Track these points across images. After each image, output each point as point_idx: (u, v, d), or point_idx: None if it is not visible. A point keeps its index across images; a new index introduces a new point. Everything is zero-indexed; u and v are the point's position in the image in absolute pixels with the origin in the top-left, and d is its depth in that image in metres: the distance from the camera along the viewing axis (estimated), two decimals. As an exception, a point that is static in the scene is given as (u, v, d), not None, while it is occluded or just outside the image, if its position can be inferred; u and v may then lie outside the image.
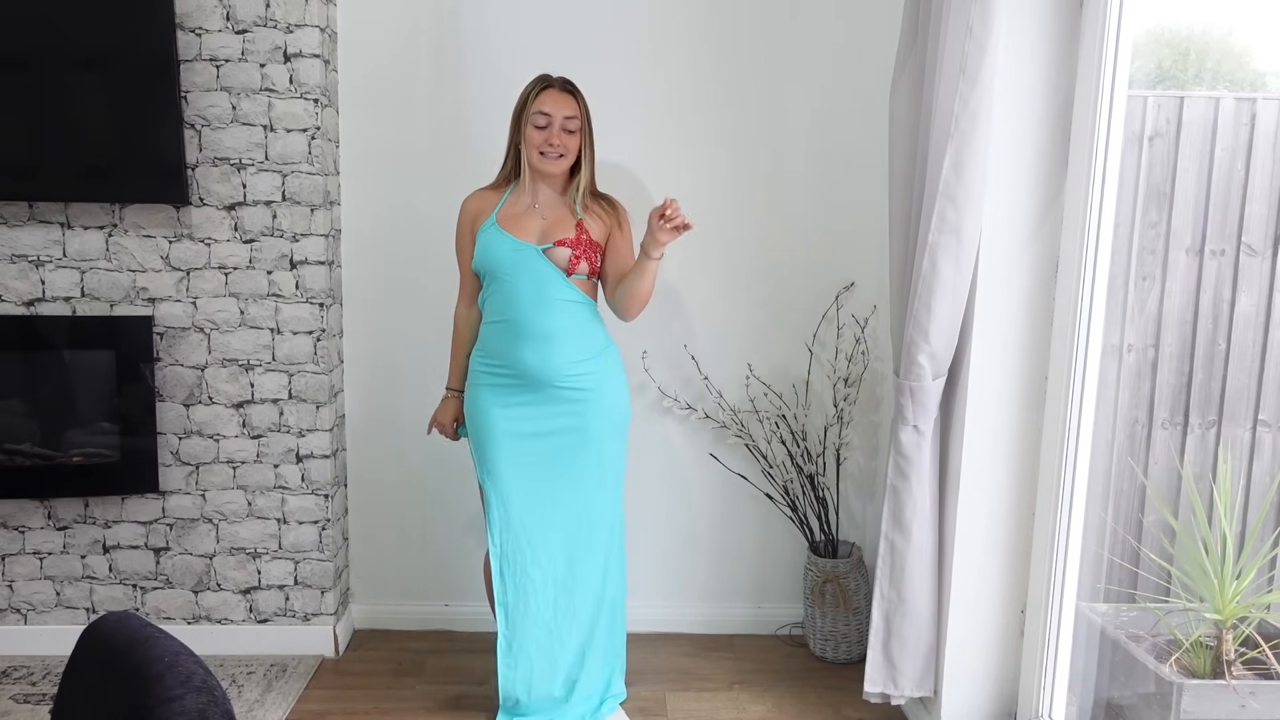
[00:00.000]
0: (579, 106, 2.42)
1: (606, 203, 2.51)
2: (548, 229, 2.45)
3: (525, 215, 2.46)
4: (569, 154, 2.42)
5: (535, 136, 2.40)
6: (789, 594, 3.21)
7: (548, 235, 2.44)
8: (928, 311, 2.29)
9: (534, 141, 2.41)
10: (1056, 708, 2.37)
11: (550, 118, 2.39)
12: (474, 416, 2.51)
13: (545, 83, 2.43)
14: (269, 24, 2.73)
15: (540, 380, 2.43)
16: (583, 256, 2.43)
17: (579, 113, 2.42)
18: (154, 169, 2.72)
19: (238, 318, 2.85)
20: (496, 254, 2.43)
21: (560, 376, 2.42)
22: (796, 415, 3.08)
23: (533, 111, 2.40)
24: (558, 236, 2.43)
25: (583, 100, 2.44)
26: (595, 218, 2.48)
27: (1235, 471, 2.31)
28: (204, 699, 1.02)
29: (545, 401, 2.44)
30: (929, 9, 2.30)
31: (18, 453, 2.84)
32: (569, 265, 2.42)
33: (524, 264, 2.42)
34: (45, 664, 2.88)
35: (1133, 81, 2.19)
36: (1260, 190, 2.29)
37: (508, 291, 2.43)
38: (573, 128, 2.41)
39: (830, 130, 2.99)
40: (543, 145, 2.40)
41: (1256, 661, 2.25)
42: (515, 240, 2.43)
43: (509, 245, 2.43)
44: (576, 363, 2.43)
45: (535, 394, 2.44)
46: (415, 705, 2.73)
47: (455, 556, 3.16)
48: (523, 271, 2.42)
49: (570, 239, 2.42)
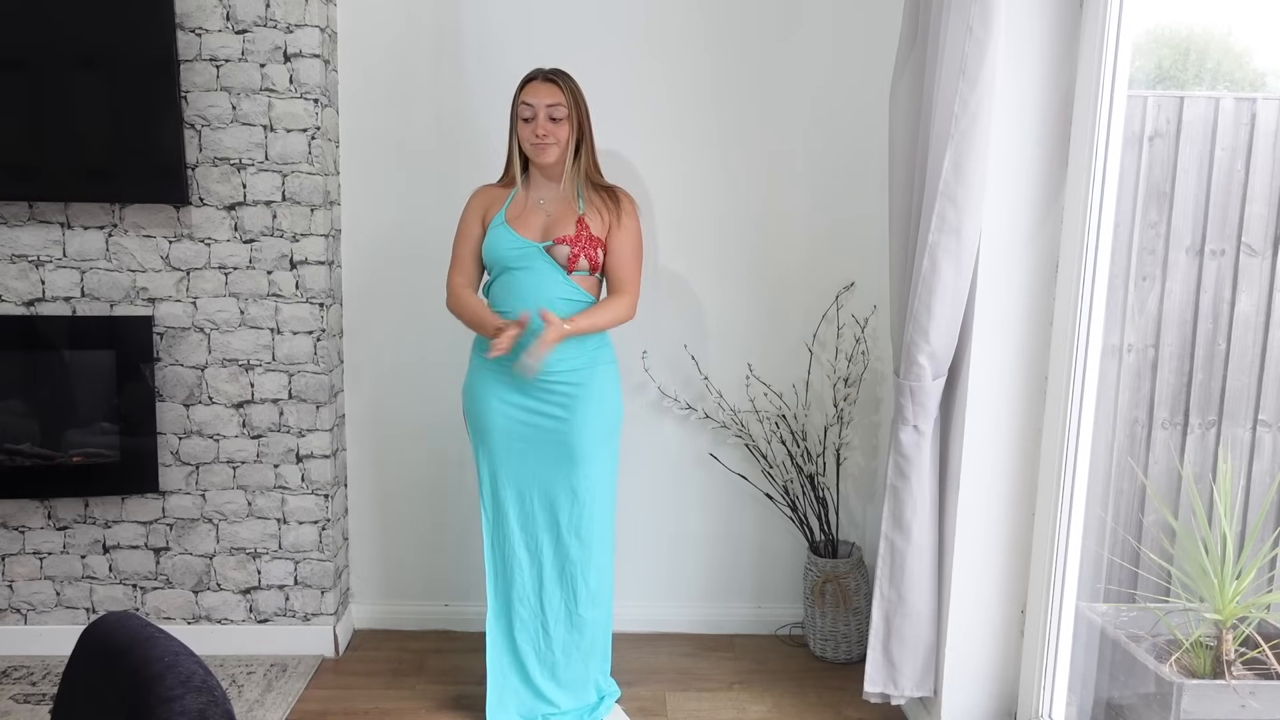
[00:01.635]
0: (562, 94, 2.42)
1: (610, 195, 2.51)
2: (550, 226, 2.46)
3: (530, 212, 2.49)
4: (559, 143, 2.43)
5: (524, 130, 2.44)
6: (789, 594, 3.21)
7: (550, 232, 2.45)
8: (928, 311, 2.29)
9: (524, 136, 2.44)
10: (1056, 708, 2.37)
11: (533, 108, 2.41)
12: (472, 404, 2.55)
13: (531, 76, 2.46)
14: (269, 24, 2.73)
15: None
16: (582, 253, 2.44)
17: (563, 100, 2.42)
18: (154, 169, 2.73)
19: (238, 318, 2.85)
20: (501, 250, 2.46)
21: (551, 373, 2.43)
22: (796, 415, 3.08)
23: (519, 104, 2.43)
24: (559, 234, 2.44)
25: (570, 88, 2.44)
26: (597, 212, 2.48)
27: (1235, 471, 2.31)
28: (204, 699, 1.02)
29: (536, 396, 2.47)
30: (929, 9, 2.30)
31: (18, 453, 2.84)
32: (568, 263, 2.43)
33: (525, 261, 2.44)
34: (45, 664, 2.88)
35: (1133, 81, 2.19)
36: (1260, 190, 2.29)
37: (509, 287, 2.46)
38: (558, 115, 2.41)
39: (830, 130, 2.99)
40: (530, 137, 2.42)
41: (1256, 661, 2.25)
42: (518, 238, 2.45)
43: (512, 243, 2.45)
44: (569, 358, 2.44)
45: (527, 387, 2.46)
46: (415, 705, 2.74)
47: (455, 556, 3.16)
48: (524, 269, 2.44)
49: (570, 236, 2.43)
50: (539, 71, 2.46)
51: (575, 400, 2.47)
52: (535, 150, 2.43)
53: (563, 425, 2.48)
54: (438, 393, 3.03)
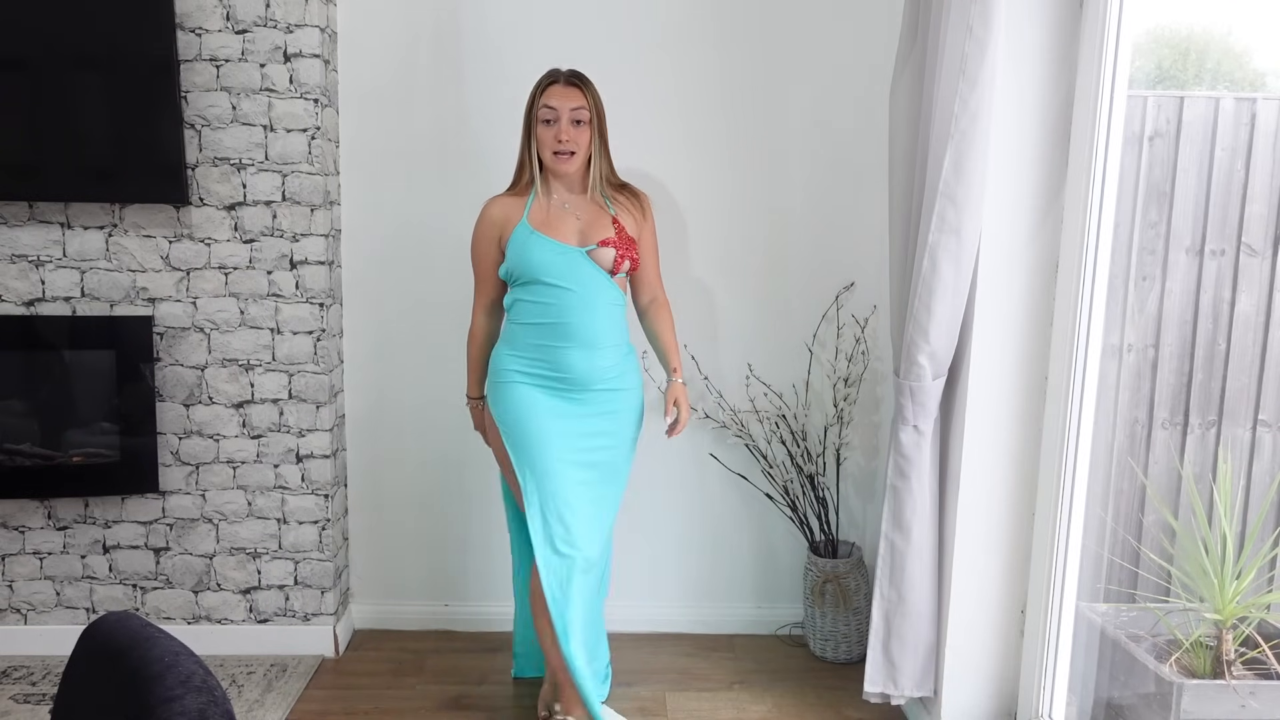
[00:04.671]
0: (586, 98, 2.36)
1: (631, 194, 2.50)
2: (585, 230, 2.40)
3: (559, 217, 2.40)
4: (580, 150, 2.37)
5: (544, 134, 2.36)
6: (789, 594, 3.21)
7: (588, 236, 2.39)
8: (928, 311, 2.29)
9: (544, 140, 2.36)
10: (1056, 708, 2.37)
11: (556, 111, 2.34)
12: (517, 412, 2.41)
13: (552, 78, 2.38)
14: (269, 24, 2.73)
15: (582, 382, 2.40)
16: (625, 255, 2.41)
17: (586, 104, 2.36)
18: (154, 169, 2.73)
19: (238, 318, 2.85)
20: (539, 258, 2.35)
21: (602, 378, 2.42)
22: (796, 415, 3.08)
23: (540, 106, 2.36)
24: (599, 237, 2.38)
25: (591, 91, 2.39)
26: (625, 211, 2.46)
27: (1235, 471, 2.31)
28: (204, 699, 1.02)
29: (584, 401, 2.42)
30: (929, 9, 2.30)
31: (18, 453, 2.84)
32: (614, 265, 2.40)
33: (570, 267, 2.36)
34: (45, 664, 2.88)
35: (1133, 81, 2.19)
36: (1260, 190, 2.29)
37: (552, 296, 2.36)
38: (581, 118, 2.35)
39: (830, 130, 2.99)
40: (552, 144, 2.34)
41: (1256, 661, 2.25)
42: (558, 243, 2.36)
43: (552, 249, 2.35)
44: (614, 363, 2.44)
45: (575, 394, 2.41)
46: (415, 705, 2.74)
47: (455, 556, 3.16)
48: (569, 275, 2.35)
49: (612, 238, 2.39)
50: (558, 73, 2.39)
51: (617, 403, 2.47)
52: (557, 159, 2.36)
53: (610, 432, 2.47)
54: (438, 392, 3.03)
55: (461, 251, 2.57)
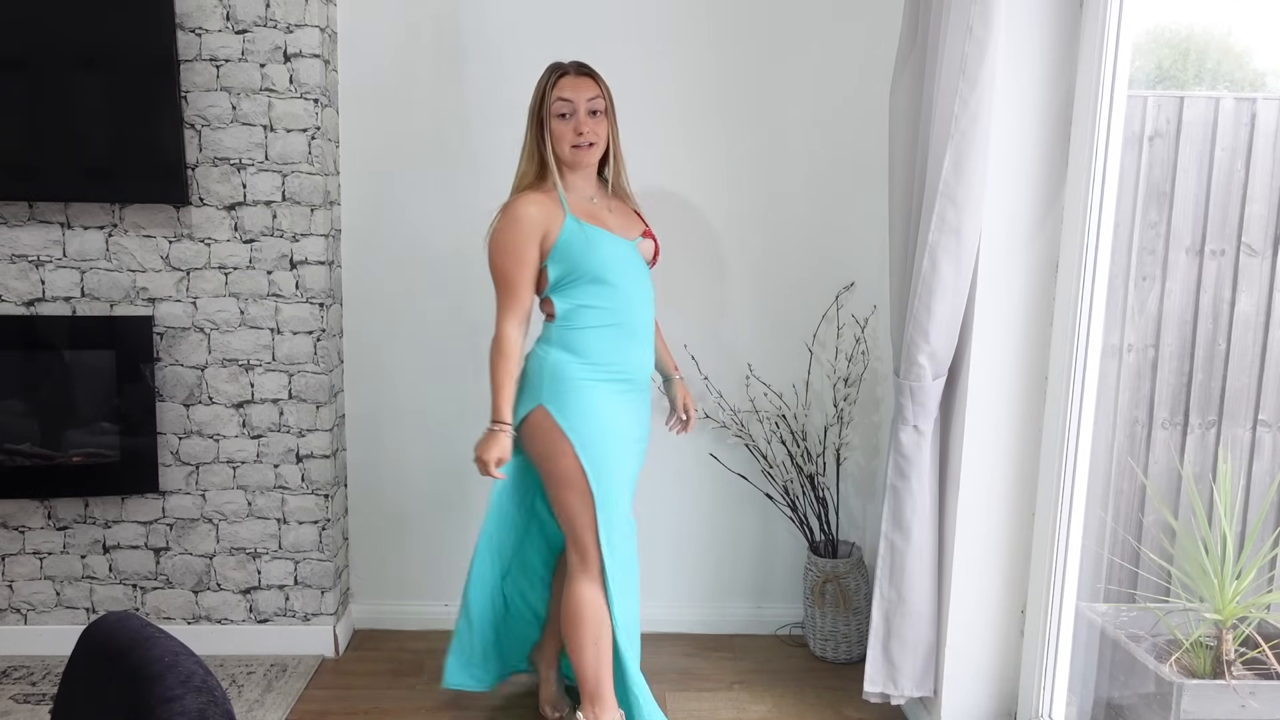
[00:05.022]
0: (600, 87, 2.27)
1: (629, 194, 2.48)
2: (621, 224, 2.33)
3: (597, 212, 2.30)
4: (600, 140, 2.27)
5: (561, 128, 2.23)
6: (789, 594, 3.21)
7: (628, 230, 2.33)
8: (928, 311, 2.29)
9: (561, 135, 2.24)
10: (1056, 708, 2.37)
11: (573, 103, 2.22)
12: (595, 419, 2.27)
13: (559, 70, 2.27)
14: (269, 24, 2.73)
15: (643, 382, 2.38)
16: (658, 248, 2.39)
17: (601, 93, 2.27)
18: (154, 169, 2.72)
19: (238, 318, 2.85)
20: (605, 254, 2.23)
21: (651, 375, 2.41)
22: (796, 415, 3.08)
23: (553, 100, 2.23)
24: (638, 229, 2.34)
25: (602, 81, 2.30)
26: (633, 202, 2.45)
27: (1235, 471, 2.31)
28: (204, 699, 1.02)
29: (638, 402, 2.38)
30: (929, 9, 2.30)
31: (18, 453, 2.84)
32: (654, 258, 2.37)
33: (629, 262, 2.28)
34: (45, 664, 2.88)
35: (1133, 81, 2.19)
36: (1260, 190, 2.29)
37: (615, 294, 2.26)
38: (597, 108, 2.25)
39: (830, 130, 2.99)
40: (573, 137, 2.23)
41: (1256, 661, 2.25)
42: (616, 237, 2.25)
43: (613, 242, 2.24)
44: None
45: (634, 396, 2.36)
46: (415, 705, 2.73)
47: (455, 556, 3.15)
48: (627, 269, 2.27)
49: (649, 229, 2.36)
50: (566, 65, 2.28)
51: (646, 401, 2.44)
52: (577, 151, 2.24)
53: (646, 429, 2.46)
54: (438, 392, 3.03)
55: (461, 251, 2.57)
